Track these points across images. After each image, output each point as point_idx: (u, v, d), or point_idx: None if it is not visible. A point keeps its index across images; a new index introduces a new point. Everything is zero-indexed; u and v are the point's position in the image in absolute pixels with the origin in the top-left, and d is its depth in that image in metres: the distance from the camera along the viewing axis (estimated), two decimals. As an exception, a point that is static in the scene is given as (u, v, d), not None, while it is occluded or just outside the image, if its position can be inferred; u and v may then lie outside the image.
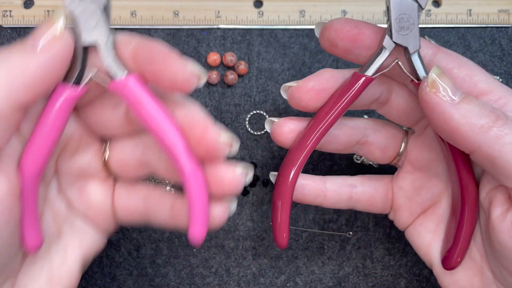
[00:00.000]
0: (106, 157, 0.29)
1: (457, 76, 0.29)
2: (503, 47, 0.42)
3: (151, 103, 0.24)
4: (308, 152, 0.30)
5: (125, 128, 0.28)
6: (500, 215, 0.28)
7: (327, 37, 0.29)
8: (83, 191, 0.29)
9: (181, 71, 0.24)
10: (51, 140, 0.24)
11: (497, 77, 0.41)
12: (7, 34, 0.41)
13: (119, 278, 0.41)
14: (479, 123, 0.26)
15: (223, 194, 0.27)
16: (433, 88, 0.27)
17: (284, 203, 0.31)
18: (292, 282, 0.41)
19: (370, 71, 0.29)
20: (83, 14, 0.24)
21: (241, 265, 0.41)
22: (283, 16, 0.42)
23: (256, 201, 0.41)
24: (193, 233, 0.26)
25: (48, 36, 0.23)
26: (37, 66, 0.23)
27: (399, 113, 0.32)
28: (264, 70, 0.42)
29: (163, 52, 0.24)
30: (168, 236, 0.41)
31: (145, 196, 0.30)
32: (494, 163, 0.26)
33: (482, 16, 0.42)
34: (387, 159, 0.35)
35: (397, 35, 0.28)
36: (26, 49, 0.23)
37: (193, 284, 0.41)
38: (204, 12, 0.42)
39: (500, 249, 0.28)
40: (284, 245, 0.32)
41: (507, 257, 0.28)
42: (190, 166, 0.25)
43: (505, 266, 0.28)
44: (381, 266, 0.41)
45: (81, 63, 0.24)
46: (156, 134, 0.24)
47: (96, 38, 0.24)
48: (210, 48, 0.42)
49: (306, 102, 0.30)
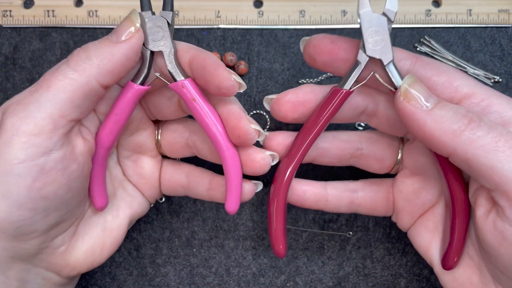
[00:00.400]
0: (159, 137, 0.36)
1: (437, 83, 0.30)
2: (503, 47, 0.42)
3: (201, 101, 0.31)
4: (296, 165, 0.32)
5: (176, 115, 0.35)
6: (483, 215, 0.29)
7: (307, 52, 0.32)
8: (137, 163, 0.36)
9: (227, 80, 0.29)
10: (121, 122, 0.31)
11: (497, 77, 0.41)
12: (7, 34, 0.41)
13: (119, 278, 0.41)
14: (452, 128, 0.27)
15: (254, 172, 0.32)
16: (406, 97, 0.28)
17: (278, 215, 0.33)
18: (292, 282, 0.41)
19: (348, 84, 0.30)
20: (153, 27, 0.31)
21: (241, 265, 0.41)
22: (283, 16, 0.42)
23: (256, 201, 0.41)
24: (230, 203, 0.33)
25: (129, 31, 0.29)
26: (121, 54, 0.29)
27: (389, 124, 0.33)
28: (264, 70, 0.42)
29: (214, 63, 0.29)
30: (168, 236, 0.41)
31: (187, 173, 0.36)
32: (470, 165, 0.27)
33: (482, 16, 0.42)
34: (386, 168, 0.36)
35: (369, 49, 0.29)
36: (112, 41, 0.29)
37: (193, 284, 0.41)
38: (204, 12, 0.42)
39: (485, 247, 0.29)
40: (282, 254, 0.34)
41: (492, 254, 0.28)
42: (228, 150, 0.32)
43: (493, 263, 0.29)
44: (381, 266, 0.41)
45: (147, 66, 0.31)
46: (204, 124, 0.31)
47: (161, 47, 0.31)
48: (210, 48, 0.42)
49: (284, 113, 0.33)
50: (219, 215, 0.41)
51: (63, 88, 0.28)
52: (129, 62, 0.30)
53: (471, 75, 0.41)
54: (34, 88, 0.28)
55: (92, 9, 0.42)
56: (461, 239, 0.31)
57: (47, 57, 0.41)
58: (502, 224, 0.27)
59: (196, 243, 0.41)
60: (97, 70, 0.28)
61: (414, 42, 0.42)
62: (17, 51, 0.41)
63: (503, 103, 0.29)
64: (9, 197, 0.27)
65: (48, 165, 0.28)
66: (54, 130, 0.28)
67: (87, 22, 0.41)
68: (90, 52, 0.29)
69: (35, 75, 0.41)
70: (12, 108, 0.28)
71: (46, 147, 0.27)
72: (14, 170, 0.27)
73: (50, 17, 0.41)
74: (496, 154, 0.26)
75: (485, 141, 0.26)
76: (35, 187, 0.27)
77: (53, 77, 0.28)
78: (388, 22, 0.29)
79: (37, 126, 0.27)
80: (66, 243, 0.32)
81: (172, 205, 0.41)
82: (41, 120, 0.27)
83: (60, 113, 0.28)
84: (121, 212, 0.35)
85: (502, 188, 0.26)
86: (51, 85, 0.28)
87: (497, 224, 0.27)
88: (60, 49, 0.41)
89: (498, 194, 0.27)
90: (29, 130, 0.27)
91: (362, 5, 0.29)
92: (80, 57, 0.29)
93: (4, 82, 0.41)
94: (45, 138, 0.27)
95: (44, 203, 0.28)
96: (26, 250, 0.29)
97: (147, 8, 0.31)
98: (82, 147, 0.30)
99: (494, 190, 0.27)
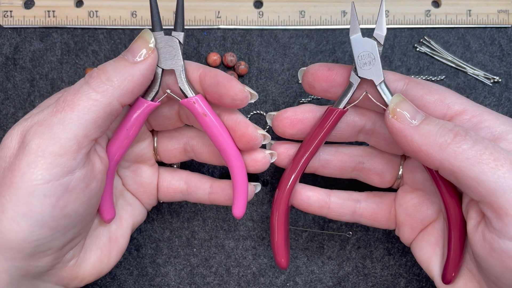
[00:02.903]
0: (155, 144, 0.37)
1: (429, 101, 0.31)
2: (503, 47, 0.42)
3: (211, 116, 0.33)
4: (296, 176, 0.34)
5: (175, 125, 0.36)
6: (473, 227, 0.29)
7: (306, 81, 0.34)
8: (136, 172, 0.37)
9: (241, 92, 0.31)
10: (132, 137, 0.33)
11: (496, 78, 0.41)
12: (8, 34, 0.42)
13: (119, 277, 0.41)
14: (438, 142, 0.28)
15: (256, 170, 0.34)
16: (395, 115, 0.30)
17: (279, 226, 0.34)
18: (292, 281, 0.41)
19: (342, 104, 0.33)
20: (165, 47, 0.32)
21: (241, 265, 0.41)
22: (283, 16, 0.42)
23: (256, 201, 0.41)
24: (238, 208, 0.34)
25: (144, 50, 0.30)
26: (139, 74, 0.30)
27: (386, 143, 0.34)
28: (264, 70, 0.42)
29: (227, 77, 0.31)
30: (168, 236, 0.41)
31: (186, 179, 0.37)
32: (457, 178, 0.28)
33: (481, 16, 0.42)
34: (387, 183, 0.36)
35: (361, 70, 0.32)
36: (129, 61, 0.30)
37: (193, 283, 0.41)
38: (204, 12, 0.42)
39: (477, 258, 0.29)
40: (284, 266, 0.35)
41: (484, 266, 0.28)
42: (237, 160, 0.33)
43: (486, 275, 0.29)
44: (381, 265, 0.41)
45: (159, 84, 0.32)
46: (215, 137, 0.33)
47: (173, 65, 0.32)
48: (210, 48, 0.42)
49: (282, 129, 0.35)
50: (219, 215, 0.41)
51: (87, 110, 0.28)
52: (146, 81, 0.31)
53: (470, 76, 0.41)
54: (56, 109, 0.29)
55: (92, 10, 0.42)
56: (458, 252, 0.31)
57: (48, 58, 0.41)
58: (490, 235, 0.27)
59: (196, 243, 0.41)
60: (118, 91, 0.29)
61: (413, 43, 0.42)
62: (17, 51, 0.41)
63: (493, 119, 0.30)
64: (31, 216, 0.27)
65: (72, 184, 0.28)
66: (78, 150, 0.28)
67: (87, 23, 0.41)
68: (110, 74, 0.29)
69: (35, 75, 0.41)
70: (35, 129, 0.28)
71: (70, 166, 0.28)
72: (39, 190, 0.27)
73: (50, 18, 0.41)
74: (480, 166, 0.27)
75: (470, 154, 0.27)
76: (59, 206, 0.28)
77: (76, 98, 0.29)
78: (378, 45, 0.31)
79: (62, 147, 0.28)
80: (76, 257, 0.32)
81: (172, 205, 0.41)
82: (67, 141, 0.28)
83: (84, 133, 0.28)
84: (124, 221, 0.36)
85: (488, 199, 0.27)
86: (74, 106, 0.28)
87: (485, 235, 0.28)
88: (61, 50, 0.42)
89: (485, 205, 0.27)
90: (54, 151, 0.27)
91: (352, 31, 0.32)
92: (100, 79, 0.29)
93: (5, 82, 0.41)
94: (70, 158, 0.28)
95: (65, 221, 0.29)
96: (39, 267, 0.29)
97: (158, 29, 0.32)
98: (99, 164, 0.31)
99: (481, 202, 0.27)
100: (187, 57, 0.42)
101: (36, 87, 0.41)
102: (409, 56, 0.42)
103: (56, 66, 0.41)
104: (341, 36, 0.42)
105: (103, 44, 0.42)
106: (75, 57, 0.41)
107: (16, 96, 0.41)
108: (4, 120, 0.41)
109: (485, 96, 0.41)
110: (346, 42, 0.42)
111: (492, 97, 0.41)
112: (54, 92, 0.41)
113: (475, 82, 0.41)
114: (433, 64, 0.42)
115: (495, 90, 0.41)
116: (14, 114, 0.41)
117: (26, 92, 0.41)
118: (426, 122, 0.29)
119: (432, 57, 0.42)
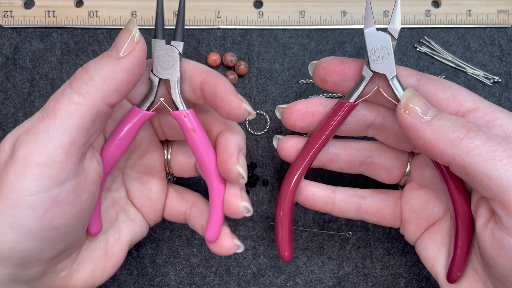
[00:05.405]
0: (169, 157, 0.36)
1: (442, 97, 0.31)
2: (503, 47, 0.42)
3: (199, 133, 0.32)
4: (302, 171, 0.34)
5: None
6: (483, 225, 0.29)
7: (317, 74, 0.33)
8: (145, 185, 0.36)
9: (237, 108, 0.30)
10: (124, 147, 0.31)
11: (496, 78, 0.41)
12: (8, 34, 0.42)
13: (119, 277, 0.41)
14: (450, 137, 0.28)
15: (229, 215, 0.33)
16: (406, 110, 0.29)
17: (284, 219, 0.34)
18: (292, 281, 0.41)
19: (353, 98, 0.32)
20: (164, 55, 0.31)
21: (241, 265, 0.41)
22: (283, 16, 0.42)
23: (256, 201, 0.41)
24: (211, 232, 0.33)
25: (128, 43, 0.28)
26: (123, 71, 0.28)
27: (395, 139, 0.34)
28: (264, 70, 0.42)
29: (226, 90, 0.30)
30: (168, 236, 0.41)
31: (192, 203, 0.36)
32: (468, 174, 0.27)
33: (481, 16, 0.42)
34: (394, 179, 0.36)
35: (373, 64, 0.31)
36: (113, 57, 0.28)
37: (193, 283, 0.41)
38: (204, 12, 0.42)
39: (485, 256, 0.29)
40: (287, 259, 0.35)
41: (491, 264, 0.28)
42: (217, 183, 0.33)
43: (493, 273, 0.29)
44: (381, 265, 0.41)
45: (155, 93, 0.31)
46: (199, 155, 0.32)
47: (169, 76, 0.31)
48: (210, 48, 0.42)
49: (293, 122, 0.34)
50: (219, 215, 0.41)
51: (70, 115, 0.27)
52: (133, 77, 0.29)
53: (470, 76, 0.41)
54: (41, 114, 0.27)
55: (92, 10, 0.42)
56: (465, 251, 0.31)
57: (48, 58, 0.41)
58: (500, 233, 0.27)
59: (196, 242, 0.41)
60: (101, 91, 0.27)
61: (413, 43, 0.42)
62: (17, 51, 0.41)
63: (505, 117, 0.30)
64: (18, 228, 0.26)
65: (60, 196, 0.27)
66: (67, 159, 0.27)
67: (87, 23, 0.42)
68: (92, 73, 0.28)
69: (35, 75, 0.41)
70: (23, 137, 0.27)
71: (59, 178, 0.27)
72: (26, 202, 0.26)
73: (50, 18, 0.41)
74: (493, 163, 0.26)
75: (482, 150, 0.27)
76: (46, 219, 0.27)
77: (59, 103, 0.27)
78: (392, 39, 0.31)
79: (49, 157, 0.26)
80: (68, 268, 0.32)
81: (172, 205, 0.41)
82: (53, 150, 0.26)
83: (71, 140, 0.27)
84: (122, 237, 0.35)
85: (499, 196, 0.26)
86: (57, 112, 0.27)
87: (495, 233, 0.27)
88: (61, 50, 0.42)
89: (496, 203, 0.27)
90: (41, 162, 0.26)
91: (367, 24, 0.31)
92: (82, 80, 0.28)
93: (5, 82, 0.41)
94: (58, 169, 0.27)
95: (54, 233, 0.28)
96: (29, 275, 0.29)
97: (160, 37, 0.31)
98: (93, 174, 0.29)
99: (491, 199, 0.27)
100: (187, 57, 0.42)
101: (36, 87, 0.41)
102: (409, 56, 0.42)
103: (56, 66, 0.41)
104: (341, 36, 0.42)
105: (103, 44, 0.42)
106: (75, 57, 0.42)
107: (16, 96, 0.41)
108: (4, 120, 0.41)
109: (485, 96, 0.41)
110: (346, 42, 0.42)
111: (492, 97, 0.41)
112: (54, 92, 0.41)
113: (475, 82, 0.41)
114: (433, 64, 0.42)
115: (495, 90, 0.41)
116: (14, 114, 0.41)
117: (26, 92, 0.41)
118: (438, 117, 0.29)
119: (432, 57, 0.42)
